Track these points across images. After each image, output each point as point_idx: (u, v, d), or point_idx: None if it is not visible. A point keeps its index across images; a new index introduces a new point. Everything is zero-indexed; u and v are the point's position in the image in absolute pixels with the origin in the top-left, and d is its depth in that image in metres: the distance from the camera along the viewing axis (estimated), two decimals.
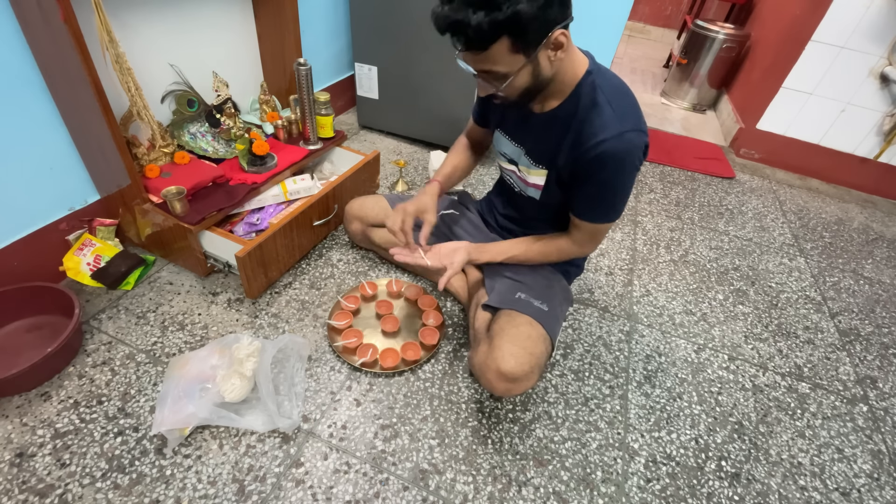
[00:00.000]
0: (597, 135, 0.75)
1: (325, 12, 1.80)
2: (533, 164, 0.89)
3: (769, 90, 2.17)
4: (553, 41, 0.68)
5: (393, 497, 0.81)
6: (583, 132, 0.77)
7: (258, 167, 1.24)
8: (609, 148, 0.74)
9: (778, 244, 1.69)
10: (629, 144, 0.75)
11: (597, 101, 0.76)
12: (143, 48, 1.10)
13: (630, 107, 0.77)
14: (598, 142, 0.75)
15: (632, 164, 0.77)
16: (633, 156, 0.76)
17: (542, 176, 0.88)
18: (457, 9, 0.64)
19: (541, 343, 0.85)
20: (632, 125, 0.75)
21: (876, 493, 0.94)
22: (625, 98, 0.78)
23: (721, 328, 1.28)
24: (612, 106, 0.75)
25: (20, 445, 0.82)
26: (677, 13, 4.15)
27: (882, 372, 1.22)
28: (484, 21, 0.63)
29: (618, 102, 0.76)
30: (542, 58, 0.70)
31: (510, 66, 0.69)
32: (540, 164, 0.87)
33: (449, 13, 0.65)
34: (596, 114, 0.76)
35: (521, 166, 0.93)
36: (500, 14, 0.62)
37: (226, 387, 0.87)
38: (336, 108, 2.04)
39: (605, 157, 0.75)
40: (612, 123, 0.74)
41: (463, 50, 0.69)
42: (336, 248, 1.35)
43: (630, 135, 0.74)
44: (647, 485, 0.89)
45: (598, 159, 0.76)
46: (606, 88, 0.77)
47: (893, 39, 1.87)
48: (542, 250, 0.95)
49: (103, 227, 1.15)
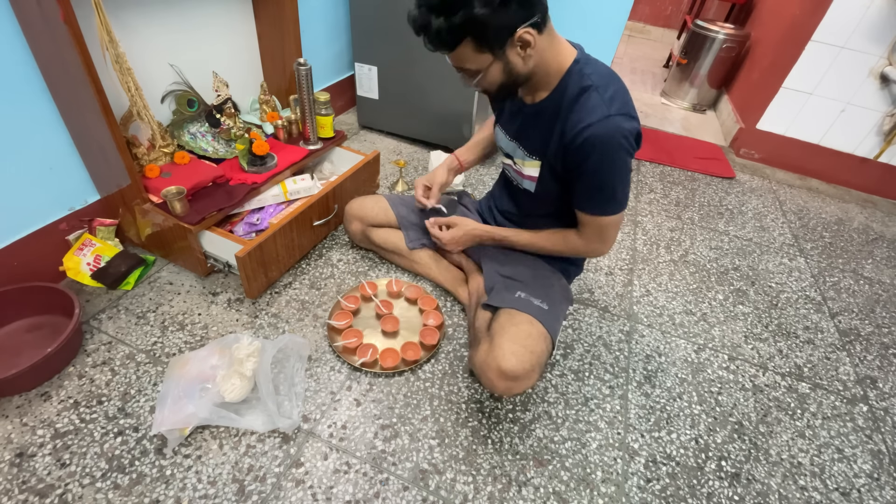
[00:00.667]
0: (583, 120, 0.75)
1: (325, 12, 1.80)
2: (527, 156, 0.90)
3: (769, 90, 2.17)
4: (518, 39, 0.71)
5: (393, 497, 0.81)
6: (570, 119, 0.78)
7: (258, 167, 1.24)
8: (596, 132, 0.74)
9: (778, 244, 1.69)
10: (616, 127, 0.74)
11: (584, 87, 0.77)
12: (143, 48, 1.10)
13: (617, 92, 0.77)
14: (584, 126, 0.75)
15: (621, 148, 0.76)
16: (622, 139, 0.75)
17: (535, 167, 0.89)
18: (422, 14, 0.70)
19: (541, 341, 0.85)
20: (618, 109, 0.75)
21: (876, 493, 0.94)
22: (612, 83, 0.78)
23: (721, 328, 1.28)
24: (598, 91, 0.76)
25: (20, 445, 0.82)
26: (677, 13, 4.15)
27: (882, 372, 1.22)
28: (443, 26, 0.68)
29: (605, 87, 0.76)
30: (512, 55, 0.73)
31: (479, 64, 0.74)
32: (533, 156, 0.88)
33: (417, 17, 0.71)
34: (584, 100, 0.77)
35: (516, 159, 0.94)
36: (456, 18, 0.67)
37: (226, 387, 0.87)
38: (336, 108, 2.04)
39: (593, 141, 0.75)
40: (599, 108, 0.75)
41: (433, 50, 0.75)
42: (336, 248, 1.35)
43: (616, 118, 0.74)
44: (647, 485, 0.89)
45: (585, 144, 0.76)
46: (594, 76, 0.77)
47: (893, 39, 1.87)
48: (550, 237, 0.96)
49: (103, 227, 1.15)
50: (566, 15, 1.79)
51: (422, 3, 0.70)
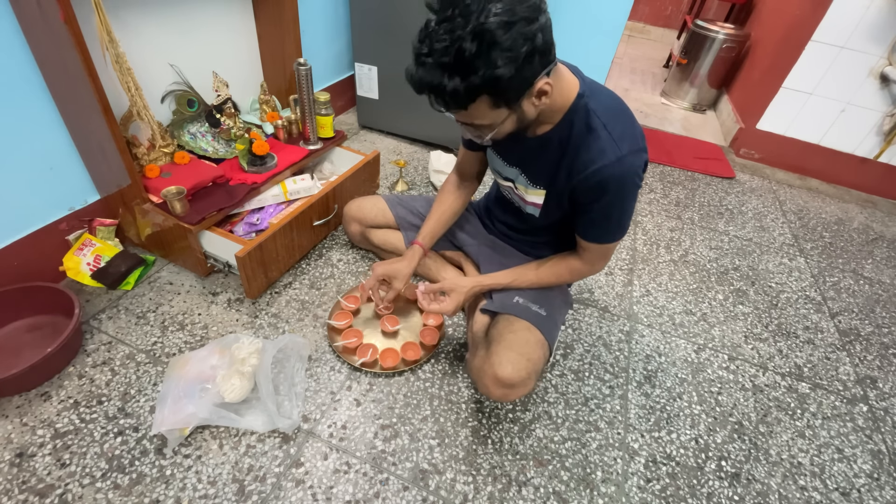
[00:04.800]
0: (595, 161, 0.73)
1: (325, 12, 1.79)
2: (530, 185, 0.87)
3: (769, 90, 2.17)
4: (537, 91, 0.65)
5: (393, 497, 0.81)
6: (580, 158, 0.75)
7: (258, 167, 1.24)
8: (609, 174, 0.73)
9: (778, 244, 1.69)
10: (629, 168, 0.73)
11: (591, 125, 0.74)
12: (143, 48, 1.10)
13: (627, 127, 0.75)
14: (597, 168, 0.73)
15: (633, 185, 0.76)
16: (634, 177, 0.75)
17: (540, 196, 0.87)
18: (431, 73, 0.61)
19: (538, 349, 0.85)
20: (629, 147, 0.73)
21: (876, 493, 0.94)
22: (620, 118, 0.76)
23: (721, 328, 1.28)
24: (608, 129, 0.73)
25: (20, 445, 0.82)
26: (677, 13, 4.15)
27: (882, 372, 1.22)
28: (460, 86, 0.60)
29: (613, 125, 0.74)
30: (527, 105, 0.67)
31: (493, 119, 0.67)
32: (538, 185, 0.86)
33: (423, 76, 0.62)
34: (592, 139, 0.74)
35: (518, 184, 0.91)
36: (477, 79, 0.59)
37: (226, 387, 0.87)
38: (336, 108, 2.04)
39: (607, 183, 0.74)
40: (610, 148, 0.73)
41: (441, 111, 0.67)
42: (336, 248, 1.35)
43: (629, 158, 0.73)
44: (647, 485, 0.89)
45: (599, 186, 0.75)
46: (600, 111, 0.74)
47: (893, 39, 1.87)
48: (555, 271, 0.93)
49: (103, 227, 1.15)
50: (566, 15, 1.79)
51: (428, 61, 0.60)
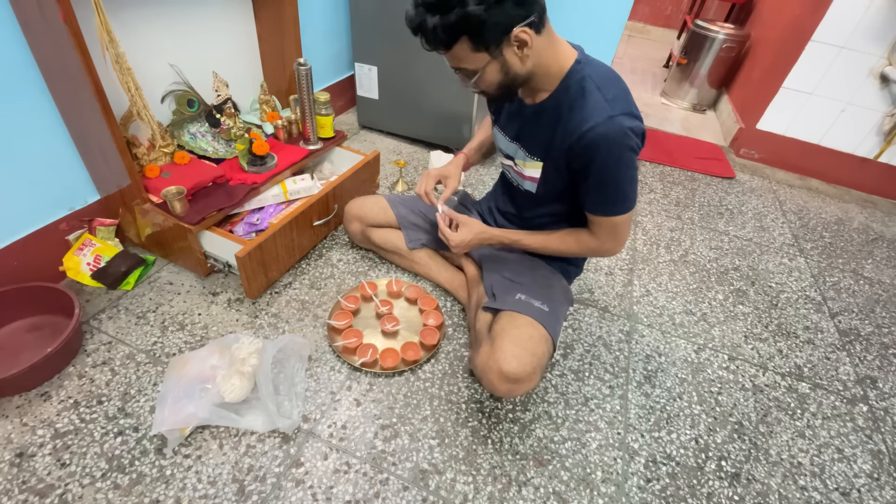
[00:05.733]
0: (586, 121, 0.75)
1: (325, 12, 1.80)
2: (528, 157, 0.89)
3: (769, 90, 2.17)
4: (515, 38, 0.70)
5: (393, 497, 0.81)
6: (572, 120, 0.77)
7: (258, 167, 1.24)
8: (600, 132, 0.74)
9: (778, 244, 1.69)
10: (619, 127, 0.74)
11: (585, 88, 0.77)
12: (143, 48, 1.10)
13: (620, 92, 0.77)
14: (588, 128, 0.75)
15: (626, 146, 0.75)
16: (626, 138, 0.75)
17: (537, 168, 0.89)
18: (418, 13, 0.71)
19: (542, 343, 0.85)
20: (621, 109, 0.75)
21: (876, 493, 0.94)
22: (614, 84, 0.78)
23: (721, 328, 1.28)
24: (601, 92, 0.76)
25: (20, 445, 0.82)
26: (677, 13, 4.15)
27: (882, 372, 1.22)
28: (438, 24, 0.69)
29: (607, 88, 0.76)
30: (509, 55, 0.73)
31: (476, 64, 0.74)
32: (535, 157, 0.88)
33: (413, 16, 0.72)
34: (585, 101, 0.76)
35: (517, 160, 0.94)
36: (451, 16, 0.67)
37: (226, 387, 0.87)
38: (336, 108, 2.04)
39: (598, 141, 0.75)
40: (601, 108, 0.75)
41: (430, 49, 0.75)
42: (336, 248, 1.35)
43: (620, 118, 0.74)
44: (647, 485, 0.89)
45: (590, 146, 0.76)
46: (595, 76, 0.77)
47: (893, 39, 1.87)
48: (563, 238, 0.94)
49: (103, 227, 1.15)
50: (566, 15, 1.79)
51: (418, 2, 0.70)
